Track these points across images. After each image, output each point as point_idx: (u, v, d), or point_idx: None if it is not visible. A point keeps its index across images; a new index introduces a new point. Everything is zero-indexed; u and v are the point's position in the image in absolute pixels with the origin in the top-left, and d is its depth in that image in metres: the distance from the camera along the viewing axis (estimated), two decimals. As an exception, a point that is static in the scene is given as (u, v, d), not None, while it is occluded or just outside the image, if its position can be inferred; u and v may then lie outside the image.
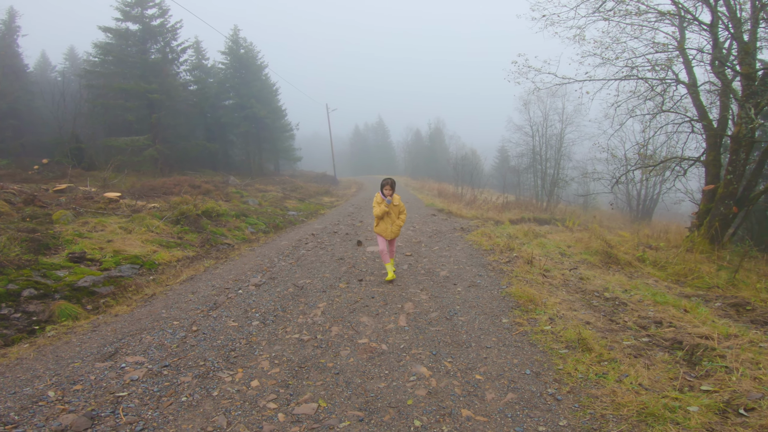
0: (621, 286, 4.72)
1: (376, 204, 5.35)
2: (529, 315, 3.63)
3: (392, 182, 5.32)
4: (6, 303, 4.71)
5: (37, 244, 6.34)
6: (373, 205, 5.39)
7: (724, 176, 8.55)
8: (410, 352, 3.09)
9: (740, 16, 8.82)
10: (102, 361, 3.18)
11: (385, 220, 5.36)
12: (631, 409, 2.22)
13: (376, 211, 5.32)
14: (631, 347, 3.03)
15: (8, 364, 3.17)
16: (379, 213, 5.27)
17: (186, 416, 2.43)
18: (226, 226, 9.88)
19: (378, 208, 5.29)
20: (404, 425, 2.28)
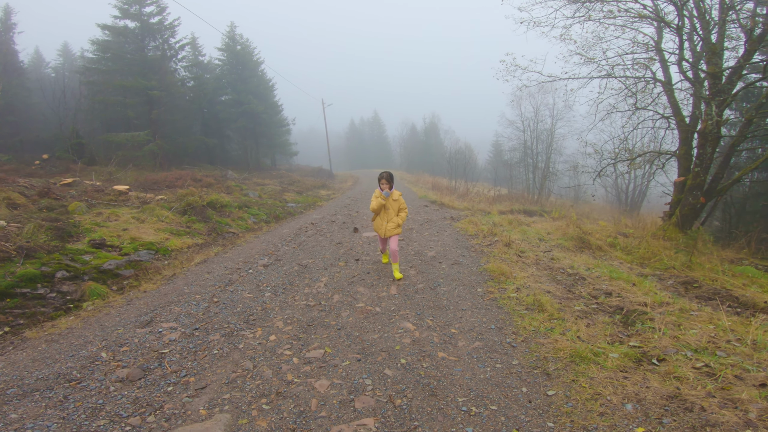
0: (585, 266, 5.40)
1: (374, 198, 5.09)
2: (500, 285, 4.31)
3: (389, 176, 5.02)
4: (42, 284, 5.31)
5: (61, 232, 6.91)
6: (372, 199, 5.12)
7: (692, 169, 9.26)
8: (399, 313, 3.75)
9: (708, 18, 9.50)
10: (141, 327, 3.80)
11: (381, 215, 5.05)
12: (566, 353, 2.88)
13: (372, 204, 5.04)
14: (580, 311, 3.70)
15: (60, 333, 3.77)
16: (375, 207, 4.97)
17: (219, 363, 3.06)
18: (229, 217, 10.47)
19: (375, 201, 5.01)
20: (393, 363, 2.93)
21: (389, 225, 5.00)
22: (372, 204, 5.09)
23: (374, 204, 5.05)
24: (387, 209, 5.02)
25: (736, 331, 3.13)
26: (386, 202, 5.01)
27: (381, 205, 4.99)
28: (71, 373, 2.94)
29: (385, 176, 5.02)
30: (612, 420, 2.15)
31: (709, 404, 2.19)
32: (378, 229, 5.08)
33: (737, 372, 2.50)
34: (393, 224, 4.99)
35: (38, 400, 2.52)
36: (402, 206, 5.14)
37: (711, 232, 13.27)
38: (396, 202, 5.08)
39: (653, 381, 2.43)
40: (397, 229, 5.03)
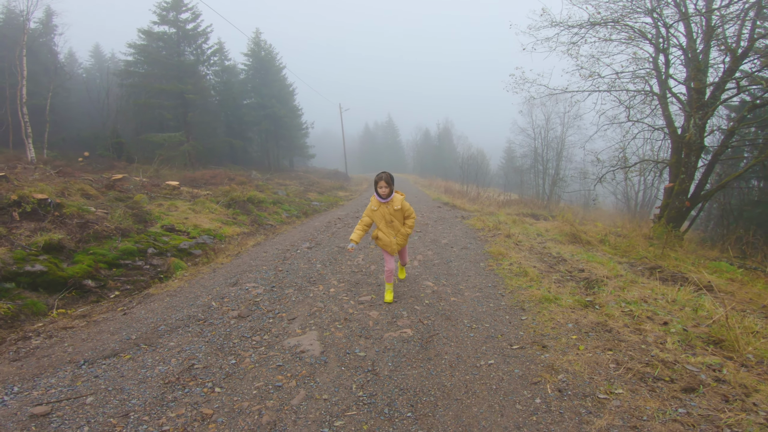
0: (570, 253, 6.64)
1: (367, 211, 4.33)
2: (498, 262, 5.61)
3: (389, 176, 4.18)
4: (138, 258, 6.77)
5: (139, 218, 8.40)
6: (364, 214, 4.36)
7: (678, 176, 10.37)
8: (422, 277, 5.08)
9: (695, 36, 10.65)
10: (231, 286, 5.17)
11: (386, 229, 4.27)
12: (537, 298, 4.16)
13: (363, 219, 4.32)
14: (555, 279, 4.97)
15: (174, 291, 5.16)
16: (366, 223, 4.31)
17: (299, 305, 4.40)
18: (266, 211, 11.93)
19: (367, 216, 4.31)
20: (419, 302, 4.25)
21: (398, 239, 4.30)
22: (358, 226, 4.33)
23: (365, 219, 4.33)
24: (391, 222, 4.26)
25: (665, 295, 4.37)
26: (386, 211, 4.24)
27: (381, 217, 4.26)
28: (197, 315, 4.27)
29: (384, 177, 4.15)
30: (558, 331, 3.44)
31: (623, 330, 3.46)
32: (387, 247, 4.31)
33: (650, 315, 3.76)
34: (402, 237, 4.31)
35: (183, 333, 3.83)
36: (408, 213, 4.33)
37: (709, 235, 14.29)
38: (400, 211, 4.25)
39: (590, 315, 3.71)
40: (405, 241, 4.38)
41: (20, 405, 2.60)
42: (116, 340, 3.62)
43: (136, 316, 4.23)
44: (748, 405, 2.47)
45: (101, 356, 3.31)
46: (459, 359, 3.04)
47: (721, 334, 3.23)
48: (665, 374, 2.70)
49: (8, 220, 6.49)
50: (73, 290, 5.44)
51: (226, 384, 2.85)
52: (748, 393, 2.59)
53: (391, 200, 4.23)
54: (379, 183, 4.16)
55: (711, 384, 2.65)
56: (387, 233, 4.30)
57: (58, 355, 3.36)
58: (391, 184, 4.19)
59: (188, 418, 2.46)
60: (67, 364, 3.17)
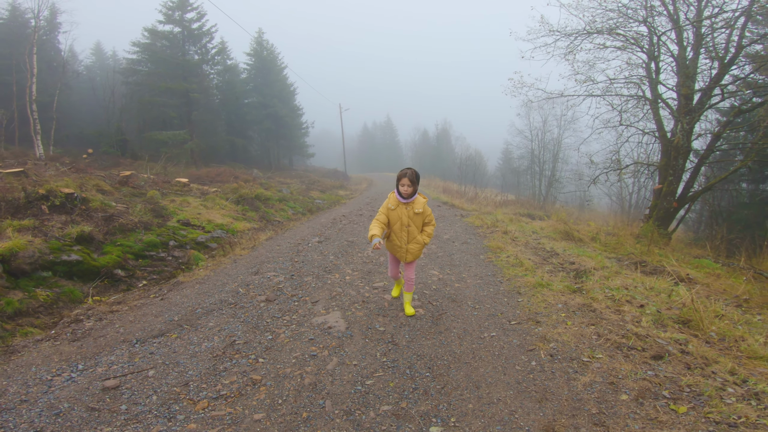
0: (563, 248, 7.17)
1: (384, 208, 3.76)
2: (496, 254, 6.14)
3: (413, 174, 3.60)
4: (161, 249, 7.22)
5: (156, 213, 8.84)
6: (380, 211, 3.79)
7: (666, 178, 10.94)
8: (427, 266, 5.59)
9: (686, 44, 11.22)
10: (254, 275, 5.64)
11: (399, 233, 3.72)
12: (532, 284, 4.69)
13: (375, 224, 3.66)
14: (548, 270, 5.49)
15: (202, 279, 5.61)
16: (377, 231, 3.55)
17: (319, 291, 4.87)
18: (273, 208, 12.39)
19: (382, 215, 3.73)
20: (428, 288, 4.75)
21: (411, 246, 3.74)
22: (375, 223, 3.69)
23: (381, 217, 3.74)
24: (407, 226, 3.70)
25: (645, 283, 4.91)
26: (405, 212, 3.69)
27: (398, 218, 3.70)
28: (228, 300, 4.74)
29: (408, 174, 3.60)
30: (549, 310, 3.96)
31: (605, 310, 3.98)
32: (396, 251, 3.80)
33: (629, 299, 4.29)
34: (417, 245, 3.75)
35: (219, 315, 4.28)
36: (428, 219, 3.82)
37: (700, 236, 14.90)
38: (420, 215, 3.73)
39: (577, 298, 4.23)
40: (419, 252, 3.81)
41: (89, 380, 2.96)
42: (160, 321, 4.09)
43: (172, 301, 4.70)
44: (707, 372, 2.98)
45: (150, 336, 3.76)
46: (465, 332, 3.55)
47: (689, 316, 3.76)
48: (638, 345, 3.22)
49: (38, 212, 6.92)
50: (105, 279, 5.90)
51: (268, 355, 3.33)
52: (708, 363, 3.11)
53: (413, 201, 3.70)
54: (402, 180, 3.60)
55: (677, 354, 3.16)
56: (399, 237, 3.72)
57: (112, 335, 3.81)
58: (416, 183, 3.64)
59: (241, 384, 2.93)
60: (122, 343, 3.62)
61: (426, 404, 2.63)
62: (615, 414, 2.49)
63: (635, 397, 2.62)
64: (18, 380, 2.96)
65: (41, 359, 3.32)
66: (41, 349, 3.54)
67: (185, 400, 2.74)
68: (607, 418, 2.46)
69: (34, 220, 6.52)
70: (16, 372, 3.10)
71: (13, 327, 4.45)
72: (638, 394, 2.65)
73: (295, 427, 2.46)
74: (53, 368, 3.15)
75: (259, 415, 2.57)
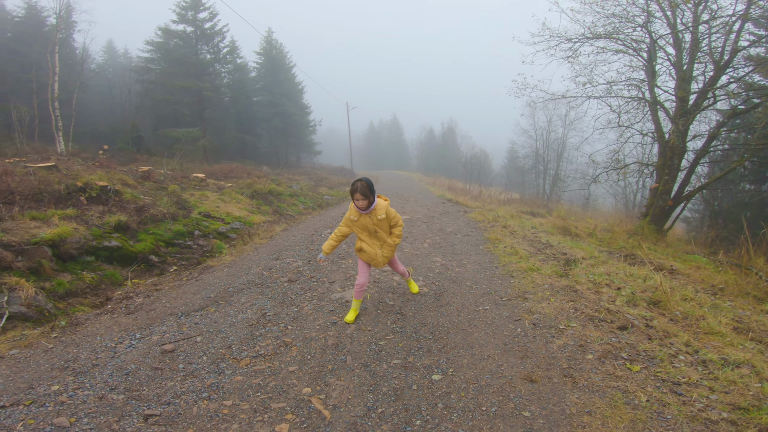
0: (558, 241, 7.71)
1: (347, 220, 3.83)
2: (494, 245, 6.72)
3: (363, 187, 3.55)
4: (188, 238, 7.88)
5: (180, 205, 9.51)
6: (342, 223, 3.91)
7: (662, 177, 11.41)
8: (431, 254, 6.20)
9: (683, 46, 11.65)
10: (275, 260, 6.27)
11: (370, 240, 3.80)
12: (524, 269, 5.27)
13: (340, 228, 3.87)
14: (541, 258, 6.06)
15: (229, 264, 6.24)
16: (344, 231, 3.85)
17: (334, 273, 5.48)
18: (285, 203, 13.03)
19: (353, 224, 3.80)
20: (431, 271, 5.35)
21: (384, 251, 3.83)
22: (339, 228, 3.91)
23: (342, 229, 3.88)
24: (375, 232, 3.76)
25: (626, 271, 5.46)
26: (368, 221, 3.72)
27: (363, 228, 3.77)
28: (255, 281, 5.36)
29: (359, 188, 3.55)
30: (536, 290, 4.54)
31: (585, 291, 4.55)
32: (372, 260, 3.83)
33: (608, 283, 4.85)
34: (389, 248, 3.84)
35: (248, 293, 4.88)
36: (395, 221, 3.85)
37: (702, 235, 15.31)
38: (385, 220, 3.75)
39: (563, 281, 4.81)
40: (392, 253, 3.90)
41: (148, 346, 3.51)
42: (199, 298, 4.72)
43: (206, 282, 5.34)
44: (665, 342, 3.55)
45: (192, 310, 4.39)
46: (463, 306, 4.15)
47: (659, 297, 4.32)
48: (608, 318, 3.79)
49: (77, 203, 7.60)
50: (141, 264, 6.56)
51: (295, 324, 3.94)
52: (668, 336, 3.67)
53: (374, 209, 3.68)
54: (355, 195, 3.58)
55: (641, 327, 3.73)
56: (371, 244, 3.80)
57: (160, 309, 4.44)
58: (370, 196, 3.57)
59: (275, 345, 3.54)
60: (169, 316, 4.23)
61: (429, 359, 3.23)
62: (581, 369, 3.07)
63: (599, 357, 3.20)
64: (87, 348, 3.52)
65: (104, 330, 3.91)
66: (102, 322, 4.16)
67: (230, 359, 3.35)
68: (575, 371, 3.04)
69: (75, 209, 7.19)
70: (84, 341, 3.67)
71: (66, 305, 5.11)
72: (602, 354, 3.22)
73: (323, 376, 3.06)
74: (115, 337, 3.73)
75: (293, 367, 3.18)
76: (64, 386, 2.92)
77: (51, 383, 2.95)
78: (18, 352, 3.45)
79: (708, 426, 2.48)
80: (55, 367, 3.19)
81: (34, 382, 2.97)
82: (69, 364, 3.24)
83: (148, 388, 2.90)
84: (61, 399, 2.77)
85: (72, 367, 3.18)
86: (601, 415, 2.53)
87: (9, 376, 3.04)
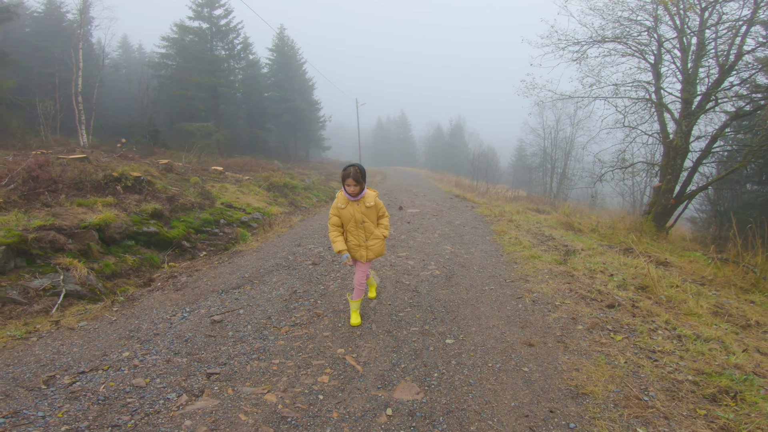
0: (560, 235, 8.21)
1: (334, 209, 3.70)
2: (500, 236, 7.24)
3: (356, 172, 3.49)
4: (214, 226, 8.49)
5: (205, 196, 10.13)
6: (330, 213, 3.76)
7: (665, 176, 11.81)
8: (441, 243, 6.74)
9: (688, 51, 11.99)
10: (297, 246, 6.84)
11: (355, 232, 3.67)
12: (526, 256, 5.79)
13: (331, 219, 3.72)
14: (543, 249, 6.57)
15: (257, 248, 6.82)
16: (336, 221, 3.68)
17: (349, 259, 6.04)
18: (299, 195, 13.63)
19: (340, 212, 3.65)
20: (442, 257, 5.88)
21: (371, 243, 3.70)
22: (334, 231, 3.72)
23: (333, 219, 3.72)
24: (362, 222, 3.64)
25: (621, 261, 5.96)
26: (356, 209, 3.62)
27: (350, 217, 3.63)
28: (282, 264, 5.92)
29: (351, 173, 3.49)
30: (537, 273, 5.07)
31: (581, 276, 5.06)
32: (355, 252, 3.72)
33: (602, 270, 5.36)
34: (376, 241, 3.73)
35: (278, 274, 5.44)
36: (381, 212, 3.80)
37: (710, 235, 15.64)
38: (373, 209, 3.69)
39: (561, 267, 5.33)
40: (381, 248, 3.78)
41: (199, 318, 4.03)
42: (235, 278, 5.29)
43: (238, 265, 5.92)
44: (647, 320, 4.05)
45: (231, 287, 4.96)
46: (471, 286, 4.69)
47: (647, 283, 4.82)
48: (598, 297, 4.32)
49: (114, 192, 8.23)
50: (176, 249, 7.17)
51: (323, 299, 4.51)
52: (651, 315, 4.18)
53: (363, 197, 3.61)
54: (347, 181, 3.49)
55: (627, 307, 4.24)
56: (356, 236, 3.66)
57: (203, 287, 5.01)
58: (362, 182, 3.53)
59: (309, 316, 4.10)
60: (212, 293, 4.79)
61: (442, 327, 3.78)
62: (572, 336, 3.60)
63: (587, 328, 3.73)
64: (146, 320, 4.03)
65: (157, 304, 4.45)
66: (154, 297, 4.72)
67: (271, 327, 3.90)
68: (566, 338, 3.57)
69: (114, 197, 7.82)
70: (142, 314, 4.19)
71: (113, 285, 5.74)
72: (590, 326, 3.75)
73: (353, 340, 3.62)
74: (168, 310, 4.27)
75: (326, 333, 3.74)
76: (134, 352, 3.36)
77: (121, 350, 3.40)
78: (86, 324, 3.96)
79: (674, 384, 3.00)
80: (122, 336, 3.68)
81: (106, 349, 3.41)
82: (133, 333, 3.74)
83: (206, 352, 3.40)
84: (134, 363, 3.19)
85: (137, 336, 3.67)
86: (587, 372, 3.06)
87: (83, 345, 3.49)
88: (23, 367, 3.12)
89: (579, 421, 2.51)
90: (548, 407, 2.64)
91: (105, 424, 2.49)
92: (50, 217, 6.21)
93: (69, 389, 2.85)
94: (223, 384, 2.94)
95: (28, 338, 3.64)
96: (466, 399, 2.74)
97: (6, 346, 3.46)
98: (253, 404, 2.70)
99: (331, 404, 2.70)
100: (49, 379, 2.98)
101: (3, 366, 3.14)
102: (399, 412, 2.61)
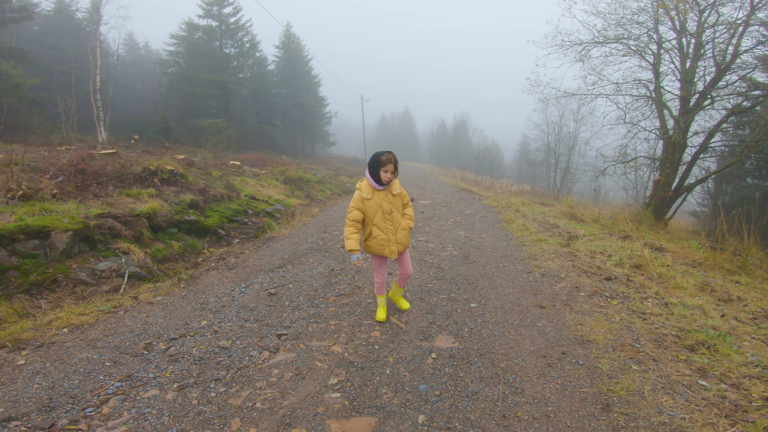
0: (564, 223, 8.87)
1: (358, 201, 3.43)
2: (508, 224, 7.93)
3: (394, 156, 3.40)
4: (243, 216, 9.17)
5: (230, 189, 10.81)
6: (351, 206, 3.49)
7: (664, 170, 12.42)
8: (455, 230, 7.43)
9: (687, 51, 12.56)
10: (323, 233, 7.53)
11: (383, 224, 3.43)
12: (533, 239, 6.47)
13: (351, 213, 3.45)
14: (548, 235, 7.24)
15: (289, 235, 7.51)
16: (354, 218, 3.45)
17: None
18: (314, 188, 14.30)
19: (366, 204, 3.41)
20: (457, 241, 6.56)
21: (400, 236, 3.49)
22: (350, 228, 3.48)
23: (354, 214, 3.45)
24: (390, 213, 3.43)
25: (619, 244, 6.62)
26: (383, 198, 3.43)
27: (378, 208, 3.40)
28: (315, 248, 6.58)
29: (393, 159, 3.36)
30: (544, 253, 5.75)
31: (583, 256, 5.73)
32: (383, 249, 3.49)
33: (602, 251, 6.03)
34: (404, 232, 3.51)
35: (313, 256, 6.11)
36: (407, 200, 3.61)
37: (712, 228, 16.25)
38: (399, 197, 3.51)
39: (565, 249, 6.01)
40: (407, 239, 3.57)
41: (256, 291, 4.65)
42: (276, 259, 5.97)
43: (274, 249, 6.61)
44: (639, 290, 4.72)
45: (275, 267, 5.64)
46: (487, 264, 5.38)
47: (641, 262, 5.49)
48: (597, 272, 4.99)
49: (152, 184, 8.92)
50: (213, 236, 7.87)
51: (359, 275, 5.19)
52: (642, 287, 4.84)
53: (391, 185, 3.41)
54: (386, 166, 3.29)
55: (623, 280, 4.91)
56: (385, 229, 3.41)
57: (251, 267, 5.67)
58: (396, 170, 3.36)
59: (350, 288, 4.77)
60: (260, 271, 5.45)
61: (466, 295, 4.47)
62: (576, 301, 4.28)
63: (589, 294, 4.40)
64: (211, 294, 4.63)
65: (216, 281, 5.09)
66: (212, 276, 5.36)
67: (320, 297, 4.56)
68: (571, 302, 4.25)
69: (154, 189, 8.51)
70: (207, 289, 4.79)
71: (165, 267, 6.42)
72: (591, 293, 4.43)
73: (392, 304, 4.29)
74: (227, 286, 4.89)
75: (369, 301, 4.42)
76: (210, 321, 3.82)
77: (199, 320, 3.87)
78: (162, 299, 4.53)
79: (660, 336, 3.66)
80: (195, 308, 4.22)
81: (186, 319, 3.88)
82: (204, 305, 4.29)
83: (270, 318, 4.00)
84: (213, 329, 3.65)
85: (208, 308, 4.22)
86: (589, 326, 3.74)
87: (166, 316, 3.96)
88: (121, 337, 3.53)
89: (586, 360, 3.18)
90: (560, 350, 3.32)
91: (208, 378, 2.91)
92: (105, 206, 6.90)
93: (167, 353, 3.26)
94: (294, 342, 3.52)
95: (116, 312, 4.18)
96: (494, 346, 3.41)
97: (99, 320, 3.96)
98: (324, 354, 3.34)
99: (386, 351, 3.37)
100: (147, 346, 3.39)
101: (102, 337, 3.54)
102: (441, 356, 3.28)
